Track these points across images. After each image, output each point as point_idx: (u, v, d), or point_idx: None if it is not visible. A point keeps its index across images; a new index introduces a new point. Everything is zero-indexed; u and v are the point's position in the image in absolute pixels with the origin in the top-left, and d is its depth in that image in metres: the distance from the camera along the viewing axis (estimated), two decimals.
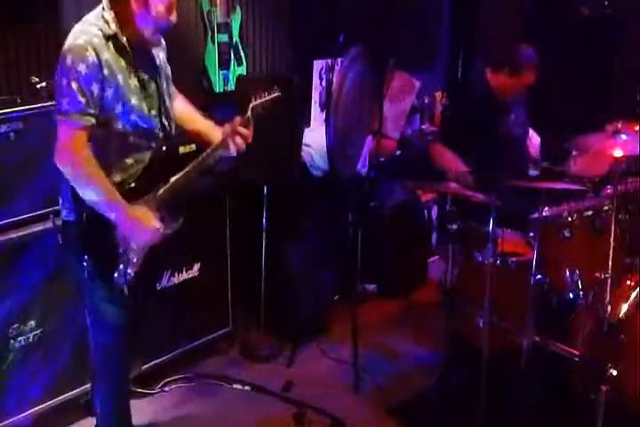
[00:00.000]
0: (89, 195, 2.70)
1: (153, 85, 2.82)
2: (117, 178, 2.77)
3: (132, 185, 2.80)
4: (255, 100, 2.89)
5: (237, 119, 2.88)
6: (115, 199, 2.71)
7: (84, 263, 2.80)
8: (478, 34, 5.80)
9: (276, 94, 2.92)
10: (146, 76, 2.78)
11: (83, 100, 2.60)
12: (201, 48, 4.22)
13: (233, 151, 2.89)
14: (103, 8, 2.70)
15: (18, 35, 3.58)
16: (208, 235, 3.90)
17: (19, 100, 3.29)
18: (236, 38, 4.24)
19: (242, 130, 2.87)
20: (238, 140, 2.87)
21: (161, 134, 2.85)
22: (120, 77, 2.68)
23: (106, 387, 3.12)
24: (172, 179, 2.86)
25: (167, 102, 2.88)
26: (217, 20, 4.17)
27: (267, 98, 2.90)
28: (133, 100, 2.73)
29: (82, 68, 2.58)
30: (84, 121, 2.63)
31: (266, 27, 4.62)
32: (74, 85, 2.59)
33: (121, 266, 2.84)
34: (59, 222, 2.99)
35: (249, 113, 2.88)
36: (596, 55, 5.26)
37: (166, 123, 2.87)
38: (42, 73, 3.49)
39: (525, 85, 4.07)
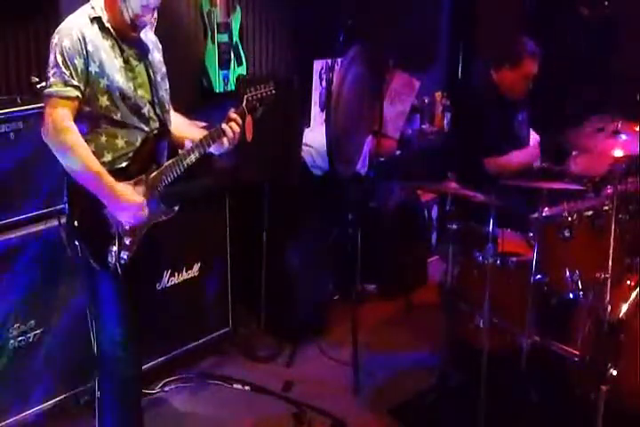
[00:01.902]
0: (71, 164, 2.74)
1: (142, 70, 2.88)
2: (108, 157, 2.82)
3: (123, 165, 2.85)
4: (250, 92, 2.95)
5: (232, 109, 2.95)
6: (97, 170, 2.74)
7: (79, 249, 2.83)
8: (478, 34, 5.80)
9: (271, 88, 2.97)
10: (132, 59, 2.86)
11: (66, 71, 2.71)
12: (201, 48, 4.22)
13: (229, 135, 2.91)
14: None
15: (18, 34, 3.58)
16: (208, 235, 3.91)
17: (19, 100, 3.29)
18: (235, 38, 4.24)
19: (234, 116, 2.91)
20: (233, 125, 2.91)
21: (154, 120, 2.90)
22: (104, 55, 2.78)
23: (112, 388, 3.10)
24: (165, 163, 2.91)
25: (161, 94, 2.93)
26: (217, 20, 4.17)
27: (261, 91, 2.96)
28: (118, 77, 2.80)
29: (66, 42, 2.72)
30: (67, 91, 2.71)
31: (266, 27, 4.62)
32: (59, 58, 2.71)
33: (114, 248, 2.85)
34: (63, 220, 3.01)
35: (243, 104, 2.94)
36: (595, 55, 5.26)
37: (159, 112, 2.92)
38: (42, 73, 3.49)
39: (528, 76, 4.05)
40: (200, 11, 4.21)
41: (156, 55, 2.96)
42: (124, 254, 2.87)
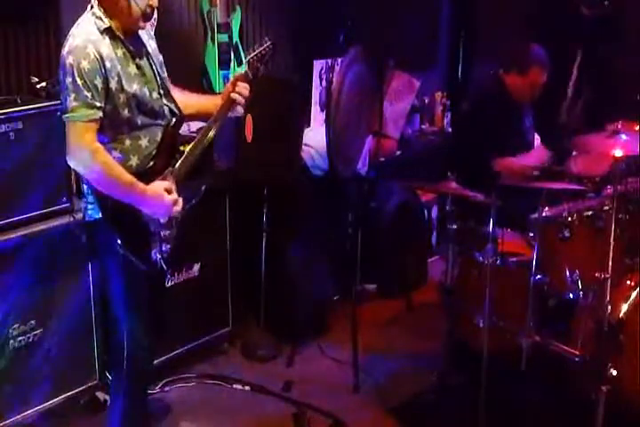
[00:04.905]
0: (105, 185, 2.75)
1: (150, 70, 2.89)
2: (135, 160, 2.84)
3: (151, 164, 2.86)
4: (250, 54, 3.01)
5: (236, 75, 3.00)
6: (132, 184, 2.76)
7: (120, 251, 2.81)
8: (478, 34, 5.80)
9: (268, 44, 3.02)
10: (142, 62, 2.86)
11: (88, 94, 2.68)
12: (201, 48, 4.22)
13: (241, 102, 2.96)
14: (92, 6, 2.80)
15: (18, 35, 3.58)
16: (208, 235, 3.90)
17: (19, 100, 3.29)
18: (236, 38, 4.24)
19: (241, 84, 2.96)
20: (242, 92, 2.96)
21: (167, 113, 2.93)
22: (120, 67, 2.76)
23: (123, 384, 3.10)
24: (187, 148, 2.93)
25: (166, 84, 2.96)
26: (217, 20, 4.18)
27: (260, 49, 3.00)
28: (135, 86, 2.80)
29: (84, 64, 2.67)
30: (91, 114, 2.70)
31: (266, 27, 4.62)
32: (79, 81, 2.67)
33: (156, 246, 2.88)
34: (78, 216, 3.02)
35: (246, 67, 2.98)
36: (595, 55, 5.26)
37: (169, 104, 2.94)
38: (42, 73, 3.50)
39: (536, 85, 4.04)
40: (200, 11, 4.22)
41: (152, 44, 2.96)
42: (166, 247, 2.90)
